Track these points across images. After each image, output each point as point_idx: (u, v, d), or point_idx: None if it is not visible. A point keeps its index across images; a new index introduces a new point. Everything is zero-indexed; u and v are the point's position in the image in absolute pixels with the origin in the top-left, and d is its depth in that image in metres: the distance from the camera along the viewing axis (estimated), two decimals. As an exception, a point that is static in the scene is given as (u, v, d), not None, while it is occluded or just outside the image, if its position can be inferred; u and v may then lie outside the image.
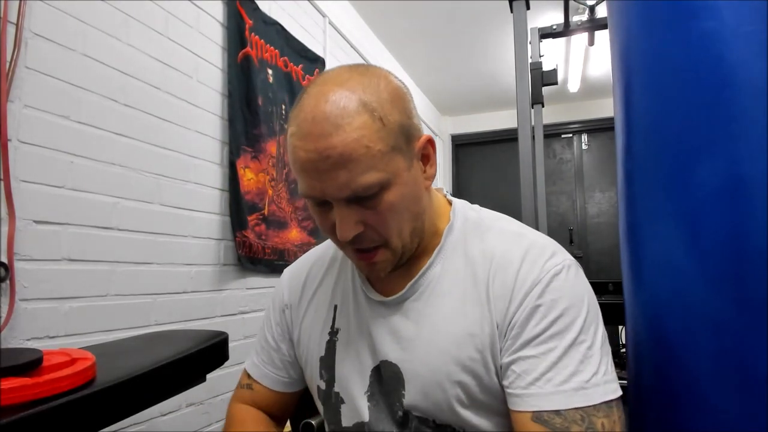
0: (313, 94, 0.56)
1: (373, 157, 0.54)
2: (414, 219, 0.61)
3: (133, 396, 0.72)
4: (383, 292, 0.68)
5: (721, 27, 0.57)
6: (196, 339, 0.96)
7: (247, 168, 2.00)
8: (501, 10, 3.02)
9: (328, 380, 0.70)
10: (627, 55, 0.70)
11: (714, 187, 0.56)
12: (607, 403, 0.54)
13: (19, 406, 0.57)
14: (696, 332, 0.58)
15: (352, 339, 0.69)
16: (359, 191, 0.55)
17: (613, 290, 1.76)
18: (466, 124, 5.45)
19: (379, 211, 0.57)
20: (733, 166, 0.55)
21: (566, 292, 0.58)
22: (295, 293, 0.78)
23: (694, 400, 0.58)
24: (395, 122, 0.57)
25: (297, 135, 0.56)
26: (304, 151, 0.55)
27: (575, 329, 0.56)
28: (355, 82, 0.57)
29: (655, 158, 0.64)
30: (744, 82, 0.55)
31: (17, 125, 1.17)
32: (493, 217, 0.69)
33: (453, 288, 0.63)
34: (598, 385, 0.54)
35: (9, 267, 1.13)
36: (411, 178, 0.59)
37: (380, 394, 0.66)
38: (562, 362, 0.55)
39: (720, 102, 0.56)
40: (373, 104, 0.55)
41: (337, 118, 0.54)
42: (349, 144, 0.53)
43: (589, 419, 0.53)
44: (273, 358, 0.78)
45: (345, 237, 0.58)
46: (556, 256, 0.61)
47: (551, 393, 0.54)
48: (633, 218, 0.69)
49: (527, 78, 1.94)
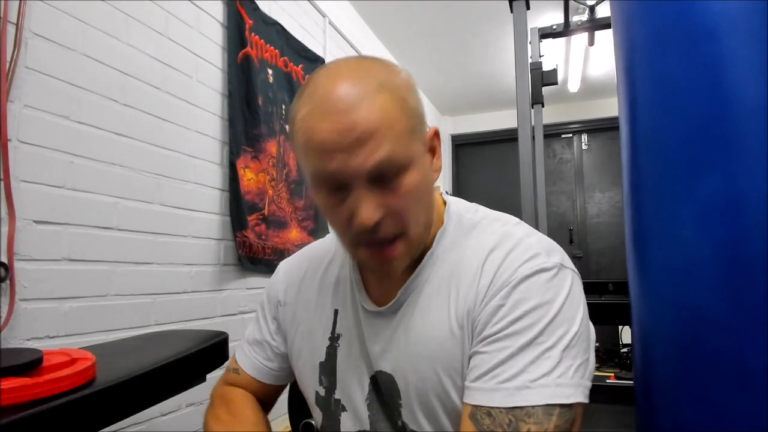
0: (326, 77, 0.55)
1: (398, 134, 0.53)
2: (426, 211, 0.60)
3: (133, 396, 0.72)
4: (377, 302, 0.66)
5: (721, 51, 0.60)
6: (196, 339, 0.96)
7: (247, 168, 2.00)
8: (501, 10, 3.02)
9: (329, 387, 0.69)
10: (632, 72, 0.73)
11: (713, 201, 0.59)
12: (550, 406, 0.51)
13: (19, 406, 0.57)
14: (698, 332, 0.60)
15: (353, 347, 0.68)
16: (384, 165, 0.53)
17: (613, 290, 1.76)
18: (466, 124, 5.45)
19: (400, 194, 0.55)
20: (732, 182, 0.58)
21: (533, 294, 0.55)
22: (291, 290, 0.76)
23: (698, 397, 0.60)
24: (413, 106, 0.57)
25: (314, 114, 0.53)
26: (324, 131, 0.52)
27: (535, 330, 0.54)
28: (368, 66, 0.56)
29: (658, 172, 0.67)
30: (741, 104, 0.58)
31: (17, 125, 1.17)
32: (490, 218, 0.66)
33: (440, 293, 0.62)
34: (547, 386, 0.51)
35: (9, 267, 1.12)
36: (425, 167, 0.58)
37: (379, 403, 0.65)
38: (512, 360, 0.53)
39: (718, 122, 0.60)
40: (392, 86, 0.55)
41: (359, 94, 0.52)
42: (375, 118, 0.52)
43: (516, 424, 0.50)
44: (266, 350, 0.77)
45: (368, 220, 0.54)
46: (536, 258, 0.58)
47: (492, 389, 0.52)
48: (639, 226, 0.71)
49: (527, 78, 1.94)
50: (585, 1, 2.24)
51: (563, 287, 0.57)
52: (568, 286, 0.57)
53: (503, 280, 0.57)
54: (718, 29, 0.60)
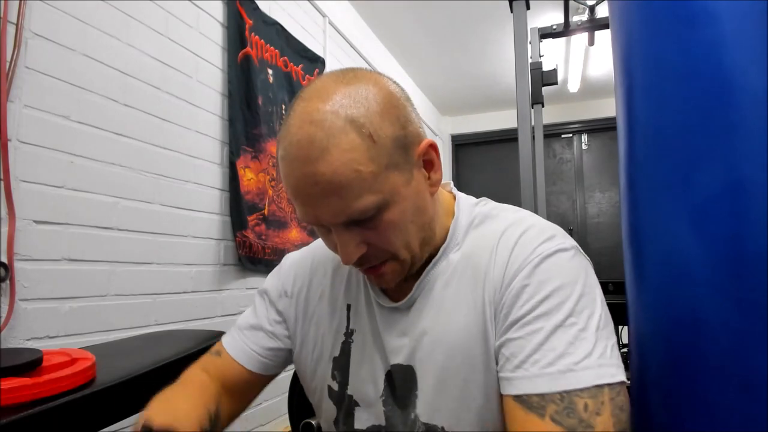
0: (298, 113, 0.53)
1: (365, 180, 0.51)
2: (422, 229, 0.59)
3: (133, 396, 0.72)
4: (393, 298, 0.66)
5: (721, 34, 0.58)
6: (196, 339, 0.96)
7: (247, 168, 2.00)
8: (501, 10, 3.02)
9: (342, 382, 0.69)
10: (629, 59, 0.71)
11: (713, 191, 0.57)
12: (598, 386, 0.50)
13: (19, 406, 0.57)
14: (695, 332, 0.60)
15: (368, 343, 0.67)
16: (354, 216, 0.53)
17: (613, 290, 1.76)
18: (466, 124, 5.45)
19: (381, 231, 0.55)
20: (732, 171, 0.56)
21: (556, 274, 0.55)
22: (300, 283, 0.75)
23: (695, 399, 0.59)
24: (387, 137, 0.53)
25: (285, 159, 0.53)
26: (294, 178, 0.52)
27: (564, 311, 0.53)
28: (341, 96, 0.53)
29: (656, 163, 0.65)
30: (742, 90, 0.56)
31: (17, 125, 1.17)
32: (500, 208, 0.67)
33: (455, 281, 0.62)
34: (590, 368, 0.50)
35: (9, 267, 1.13)
36: (412, 191, 0.57)
37: (393, 398, 0.65)
38: (549, 343, 0.52)
39: (718, 109, 0.57)
40: (361, 120, 0.52)
41: (322, 140, 0.50)
42: (338, 169, 0.50)
43: (570, 398, 0.50)
44: (259, 336, 0.74)
45: (348, 261, 0.56)
46: (554, 239, 0.58)
47: (535, 375, 0.51)
48: (636, 221, 0.70)
49: (527, 78, 1.94)
50: (585, 1, 2.24)
51: (582, 269, 0.57)
52: (585, 268, 0.58)
53: (522, 259, 0.57)
54: (719, 10, 0.57)
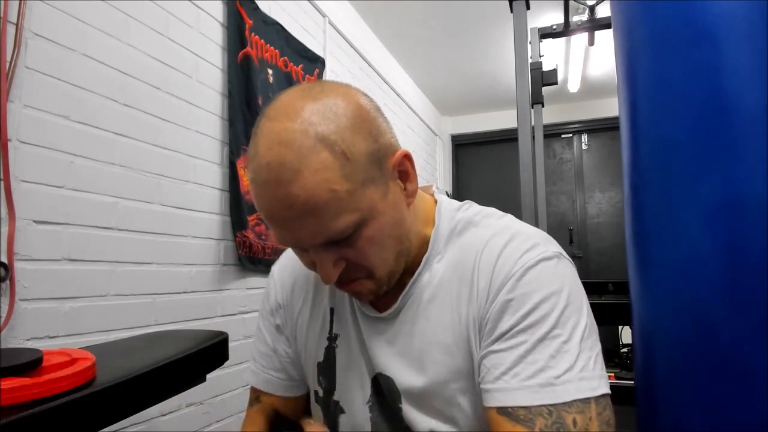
0: (266, 133, 0.51)
1: (342, 199, 0.50)
2: (398, 242, 0.58)
3: (133, 396, 0.72)
4: (377, 307, 0.65)
5: (719, 57, 0.61)
6: (196, 339, 0.96)
7: (247, 168, 2.00)
8: (501, 10, 3.02)
9: (327, 388, 0.68)
10: (632, 75, 0.74)
11: (714, 203, 0.60)
12: (584, 401, 0.50)
13: (19, 406, 0.57)
14: (699, 332, 0.61)
15: (353, 348, 0.66)
16: (333, 237, 0.52)
17: (613, 290, 1.76)
18: (466, 124, 5.45)
19: (359, 248, 0.54)
20: (731, 186, 0.59)
21: (540, 285, 0.54)
22: (286, 290, 0.75)
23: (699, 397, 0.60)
24: (361, 152, 0.51)
25: (255, 182, 0.51)
26: (266, 201, 0.51)
27: (548, 323, 0.52)
28: (308, 112, 0.50)
29: (659, 174, 0.68)
30: (740, 108, 0.59)
31: (17, 125, 1.17)
32: (483, 214, 0.65)
33: (442, 293, 0.61)
34: (571, 381, 0.50)
35: (9, 267, 1.13)
36: (389, 205, 0.55)
37: (380, 405, 0.64)
38: (531, 356, 0.51)
39: (717, 126, 0.61)
40: (333, 137, 0.49)
41: (293, 162, 0.48)
42: (312, 190, 0.48)
43: (558, 413, 0.49)
44: (273, 361, 0.74)
45: (329, 281, 0.55)
46: (536, 248, 0.57)
47: (516, 388, 0.51)
48: (639, 227, 0.72)
49: (527, 78, 1.95)
50: (585, 1, 2.24)
51: (566, 276, 0.56)
52: (570, 275, 0.57)
53: (505, 272, 0.56)
54: (718, 31, 0.60)
